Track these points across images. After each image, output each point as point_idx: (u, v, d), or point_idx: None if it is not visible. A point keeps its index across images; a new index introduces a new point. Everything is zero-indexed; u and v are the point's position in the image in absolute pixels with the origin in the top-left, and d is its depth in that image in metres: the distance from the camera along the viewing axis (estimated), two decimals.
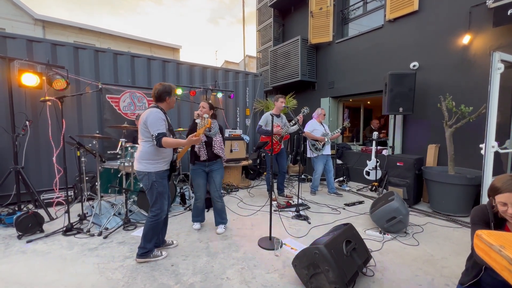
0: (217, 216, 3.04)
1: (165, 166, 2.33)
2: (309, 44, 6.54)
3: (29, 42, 3.84)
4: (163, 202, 2.31)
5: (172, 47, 12.98)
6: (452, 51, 4.12)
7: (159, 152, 2.24)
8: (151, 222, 2.28)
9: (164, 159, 2.31)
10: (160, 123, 2.16)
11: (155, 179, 2.23)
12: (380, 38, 5.19)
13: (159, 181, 2.25)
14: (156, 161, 2.24)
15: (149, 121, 2.15)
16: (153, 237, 2.33)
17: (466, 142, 3.88)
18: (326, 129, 4.54)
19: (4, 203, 3.56)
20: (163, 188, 2.30)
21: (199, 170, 2.94)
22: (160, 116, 2.20)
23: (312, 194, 4.55)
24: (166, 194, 2.35)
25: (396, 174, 4.00)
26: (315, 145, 4.37)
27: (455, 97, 3.75)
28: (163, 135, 2.12)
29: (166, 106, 2.38)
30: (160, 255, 2.37)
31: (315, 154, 4.39)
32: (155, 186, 2.24)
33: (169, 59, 5.27)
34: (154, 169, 2.23)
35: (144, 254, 2.30)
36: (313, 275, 1.87)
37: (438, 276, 2.13)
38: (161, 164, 2.27)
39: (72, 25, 10.28)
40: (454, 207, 3.46)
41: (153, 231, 2.31)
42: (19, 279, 2.06)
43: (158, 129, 2.13)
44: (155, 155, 2.23)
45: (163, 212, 2.34)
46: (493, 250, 0.57)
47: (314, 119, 4.60)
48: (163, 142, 2.09)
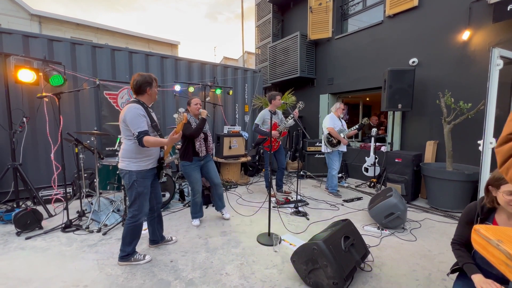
0: (219, 201, 3.21)
1: (150, 164, 2.22)
2: (308, 40, 6.50)
3: (25, 38, 3.80)
4: (142, 203, 2.19)
5: (170, 43, 12.87)
6: (451, 47, 4.11)
7: (142, 150, 2.12)
8: (129, 224, 2.18)
9: (149, 157, 2.19)
10: (140, 120, 2.02)
11: (135, 178, 2.12)
12: (380, 34, 5.17)
13: (139, 181, 2.14)
14: (139, 160, 2.14)
15: (128, 119, 2.03)
16: (132, 240, 2.23)
17: (464, 138, 3.89)
18: (344, 125, 4.32)
19: (2, 200, 3.56)
20: (144, 189, 2.17)
21: (195, 166, 2.96)
22: (139, 112, 2.05)
23: (335, 196, 4.21)
24: (147, 195, 2.22)
25: (394, 170, 4.02)
26: (331, 140, 4.16)
27: (454, 93, 3.75)
28: (145, 134, 2.01)
29: (147, 99, 2.22)
30: (141, 259, 2.25)
31: (330, 150, 4.20)
32: (135, 185, 2.13)
33: (167, 55, 5.23)
34: (136, 168, 2.13)
35: (124, 257, 2.21)
36: (311, 271, 1.89)
37: (435, 271, 2.16)
38: (144, 163, 2.16)
39: (69, 21, 10.15)
40: (452, 203, 3.49)
41: (131, 234, 2.21)
42: (19, 275, 2.07)
43: (138, 127, 2.00)
44: (138, 153, 2.13)
45: (142, 214, 2.21)
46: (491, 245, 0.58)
47: (332, 113, 4.33)
48: (144, 141, 1.99)
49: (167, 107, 5.12)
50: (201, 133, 2.93)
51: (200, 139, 2.95)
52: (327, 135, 4.21)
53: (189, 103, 3.00)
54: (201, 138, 2.95)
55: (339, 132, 4.18)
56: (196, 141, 2.92)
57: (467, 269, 1.33)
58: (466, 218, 1.46)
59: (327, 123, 4.24)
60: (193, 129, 2.86)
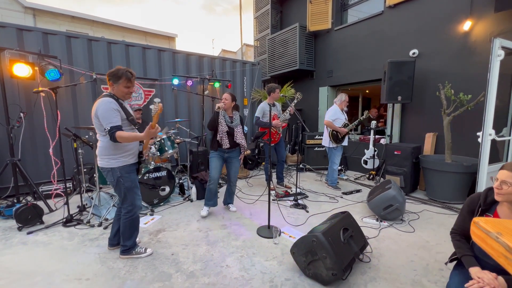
0: (228, 197, 3.37)
1: (132, 159, 2.15)
2: (307, 31, 6.41)
3: (19, 31, 3.72)
4: (133, 197, 2.17)
5: (167, 35, 12.68)
6: (452, 37, 4.05)
7: (120, 145, 2.03)
8: (126, 219, 2.18)
9: (129, 152, 2.11)
10: (112, 114, 1.92)
11: (120, 174, 2.07)
12: (380, 25, 5.09)
13: (125, 176, 2.09)
14: (119, 155, 2.06)
15: (100, 114, 1.92)
16: (131, 234, 2.23)
17: (463, 130, 3.89)
18: (346, 118, 4.25)
19: (2, 195, 3.57)
20: (131, 183, 2.13)
21: (218, 155, 3.09)
22: (112, 106, 1.94)
23: (334, 189, 4.22)
24: (136, 188, 2.19)
25: (393, 162, 4.03)
26: (336, 135, 4.10)
27: (454, 85, 3.73)
28: (117, 129, 1.90)
29: (116, 93, 2.08)
30: (142, 252, 2.26)
31: (334, 145, 4.14)
32: (121, 182, 2.09)
33: (164, 48, 5.15)
34: (117, 164, 2.05)
35: (125, 251, 2.23)
36: (311, 262, 1.91)
37: (433, 261, 2.19)
38: (125, 158, 2.09)
39: (63, 13, 9.96)
40: (450, 194, 3.52)
41: (130, 228, 2.21)
42: (22, 269, 2.09)
43: (110, 122, 1.90)
44: (117, 149, 2.04)
45: (136, 207, 2.20)
46: (490, 237, 0.58)
47: (335, 105, 4.24)
48: (117, 136, 1.88)
49: (166, 101, 5.08)
50: (225, 127, 2.99)
51: (222, 132, 3.00)
52: (331, 131, 4.13)
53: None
54: (223, 131, 2.99)
55: (344, 127, 4.13)
56: (218, 133, 3.00)
57: (465, 261, 1.34)
58: (468, 208, 1.47)
59: (328, 116, 4.18)
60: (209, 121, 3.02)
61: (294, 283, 1.92)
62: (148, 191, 3.34)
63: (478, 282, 1.18)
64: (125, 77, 2.03)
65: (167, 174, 3.54)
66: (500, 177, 1.30)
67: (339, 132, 4.11)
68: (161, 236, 2.66)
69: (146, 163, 3.57)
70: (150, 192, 3.37)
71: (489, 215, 1.34)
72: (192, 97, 5.30)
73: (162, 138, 3.70)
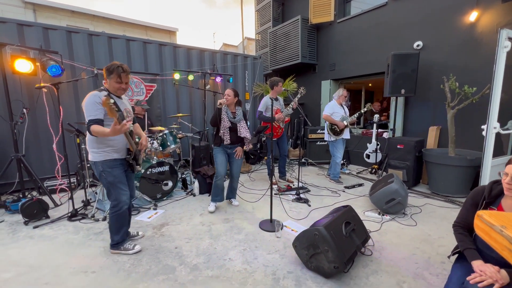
0: (231, 193, 3.39)
1: (115, 155, 2.12)
2: (309, 24, 6.32)
3: (20, 26, 3.71)
4: (118, 192, 2.14)
5: (168, 30, 12.57)
6: (458, 29, 3.97)
7: (103, 140, 2.03)
8: (111, 214, 2.17)
9: (112, 147, 2.09)
10: (94, 108, 1.92)
11: (102, 169, 2.07)
12: (384, 17, 5.00)
13: (107, 171, 2.08)
14: (102, 150, 2.06)
15: (84, 106, 1.96)
16: (118, 229, 2.21)
17: (467, 123, 3.85)
18: (346, 112, 4.28)
19: (8, 190, 3.61)
20: (114, 178, 2.11)
21: (221, 150, 3.10)
22: (95, 100, 1.94)
23: (336, 183, 4.22)
24: (120, 183, 2.15)
25: (396, 156, 4.01)
26: (334, 128, 4.15)
27: (459, 77, 3.67)
28: (94, 122, 1.91)
29: (109, 88, 2.10)
30: (130, 249, 2.24)
31: (333, 138, 4.18)
32: (103, 176, 2.09)
33: (165, 43, 5.12)
34: (100, 159, 2.06)
35: (113, 245, 2.24)
36: (313, 255, 1.93)
37: (435, 255, 2.20)
38: (108, 153, 2.08)
39: (64, 8, 9.89)
40: (453, 188, 3.50)
41: (116, 223, 2.20)
42: (29, 262, 2.13)
43: (90, 115, 1.92)
44: (99, 143, 2.05)
45: (122, 203, 2.16)
46: (494, 230, 0.58)
47: (334, 100, 4.30)
48: (91, 130, 1.90)
49: (167, 96, 5.07)
50: (228, 123, 2.98)
51: (224, 128, 2.99)
52: (329, 125, 4.19)
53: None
54: (225, 127, 2.99)
55: (341, 119, 4.15)
56: (221, 128, 3.00)
57: (467, 254, 1.34)
58: (472, 201, 1.46)
59: (325, 110, 4.25)
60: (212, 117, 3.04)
61: (296, 275, 1.94)
62: (151, 185, 3.37)
63: (480, 275, 1.18)
64: (116, 72, 2.03)
65: (169, 169, 3.56)
66: (509, 171, 1.28)
67: (337, 125, 4.13)
68: (165, 230, 2.69)
69: (149, 158, 3.59)
70: (153, 187, 3.40)
71: (493, 208, 1.33)
72: (193, 92, 5.29)
73: (164, 133, 3.71)
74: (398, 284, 1.85)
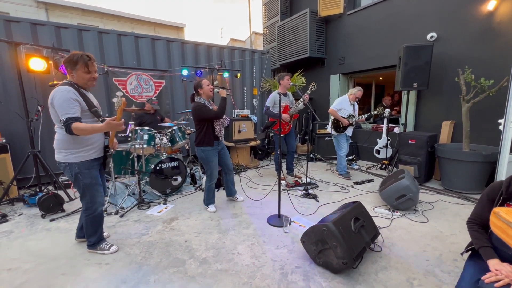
0: (232, 186, 3.28)
1: (94, 154, 2.01)
2: (318, 17, 6.19)
3: (33, 26, 3.81)
4: (94, 194, 2.03)
5: (176, 26, 12.62)
6: (474, 19, 3.80)
7: (80, 139, 1.89)
8: (86, 216, 2.09)
9: (91, 146, 1.97)
10: (70, 105, 1.75)
11: (78, 170, 1.93)
12: (395, 7, 4.84)
13: (84, 172, 1.95)
14: (79, 150, 1.92)
15: (55, 103, 1.77)
16: (95, 230, 2.15)
17: (482, 118, 3.71)
18: (356, 111, 4.21)
19: (26, 185, 3.76)
20: (91, 180, 1.99)
21: (215, 151, 2.92)
22: (69, 96, 1.78)
23: (345, 179, 4.16)
24: (97, 185, 2.04)
25: (407, 152, 3.92)
26: (337, 124, 4.12)
27: (475, 70, 3.52)
28: (74, 120, 1.74)
29: (77, 81, 1.92)
30: (106, 249, 2.18)
31: (335, 133, 4.20)
32: (80, 178, 1.95)
33: (173, 39, 5.14)
34: (76, 160, 1.91)
35: (90, 245, 2.20)
36: (321, 251, 1.93)
37: (447, 252, 2.15)
38: (86, 153, 1.95)
39: (74, 6, 10.07)
40: (467, 184, 3.40)
41: (92, 225, 2.13)
42: (46, 253, 2.22)
43: (66, 112, 1.74)
44: (77, 143, 1.90)
45: (97, 205, 2.07)
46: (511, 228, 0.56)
47: (346, 95, 4.22)
48: (73, 128, 1.72)
49: (175, 92, 5.12)
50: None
51: (219, 122, 2.88)
52: (333, 119, 4.17)
53: (200, 86, 2.77)
54: (220, 121, 2.89)
55: (348, 118, 4.11)
56: (216, 124, 2.85)
57: (483, 253, 1.29)
58: (488, 196, 1.40)
59: (333, 104, 4.19)
60: (217, 109, 2.74)
61: (304, 270, 1.95)
62: (161, 181, 3.43)
63: (496, 274, 1.15)
64: (82, 61, 1.86)
65: (178, 164, 3.61)
66: None
67: (341, 122, 4.09)
68: (174, 224, 2.75)
69: (158, 154, 3.65)
70: (163, 182, 3.46)
71: (510, 205, 1.28)
72: None
73: (173, 129, 3.76)
74: (408, 281, 1.82)
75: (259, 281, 1.84)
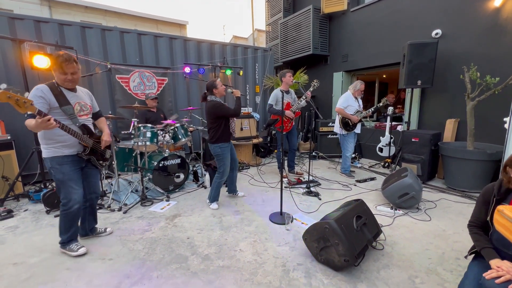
0: (235, 183, 3.34)
1: (67, 151, 2.01)
2: (321, 14, 6.14)
3: (37, 23, 3.83)
4: (68, 190, 2.02)
5: (178, 23, 12.59)
6: (480, 15, 3.74)
7: (51, 135, 1.93)
8: (61, 211, 2.08)
9: (62, 143, 1.98)
10: (34, 101, 1.75)
11: (50, 165, 1.98)
12: (400, 4, 4.78)
13: (55, 168, 1.98)
14: (51, 146, 1.96)
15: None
16: (67, 229, 2.11)
17: (487, 116, 3.67)
18: (361, 106, 4.14)
19: (31, 181, 3.81)
20: (63, 176, 1.99)
21: (229, 147, 2.98)
22: (35, 93, 1.85)
23: (348, 177, 4.16)
24: (70, 181, 2.02)
25: (410, 150, 3.90)
26: (347, 122, 4.03)
27: (481, 67, 3.48)
28: (30, 116, 1.78)
29: (57, 80, 1.98)
30: (74, 251, 2.12)
31: (345, 132, 4.09)
32: (52, 173, 2.00)
33: (176, 36, 5.14)
34: (48, 154, 1.97)
35: (60, 244, 2.17)
36: (323, 248, 1.93)
37: (449, 250, 2.14)
38: (58, 149, 1.98)
39: (77, 4, 10.09)
40: (471, 183, 3.38)
41: (65, 222, 2.10)
42: (52, 248, 2.25)
43: None
44: (47, 139, 1.95)
45: (72, 202, 2.03)
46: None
47: (349, 92, 4.13)
48: (26, 124, 1.80)
49: (178, 89, 5.12)
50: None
51: (233, 120, 2.94)
52: (341, 118, 4.07)
53: (215, 86, 2.86)
54: (233, 119, 2.94)
55: (355, 113, 4.03)
56: (232, 121, 2.93)
57: (485, 253, 1.31)
58: (483, 198, 1.42)
59: (339, 102, 4.09)
60: (235, 107, 2.85)
61: (306, 267, 1.96)
62: (163, 178, 3.45)
63: (497, 271, 1.15)
64: (57, 63, 1.91)
65: (181, 161, 3.62)
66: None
67: (350, 120, 4.01)
68: (177, 220, 2.77)
69: (161, 151, 3.67)
70: (165, 179, 3.48)
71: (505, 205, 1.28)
72: (204, 85, 5.30)
73: (176, 126, 3.77)
74: (410, 279, 1.82)
75: (261, 278, 1.85)
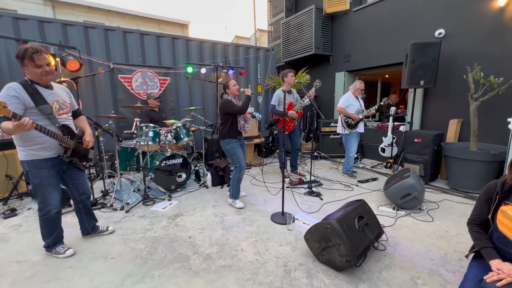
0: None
1: (46, 153, 1.90)
2: (324, 13, 6.12)
3: (40, 23, 3.86)
4: (45, 195, 1.94)
5: (180, 23, 12.64)
6: (484, 15, 3.72)
7: (29, 137, 1.81)
8: (39, 217, 2.02)
9: (41, 145, 1.86)
10: (7, 101, 1.63)
11: (28, 169, 1.88)
12: (403, 3, 4.76)
13: (33, 172, 1.88)
14: (28, 148, 1.84)
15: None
16: (50, 232, 2.06)
17: (491, 116, 3.64)
18: (362, 105, 4.16)
19: None
20: (40, 180, 1.90)
21: (238, 143, 3.03)
22: (7, 93, 1.72)
23: (350, 177, 4.16)
24: (48, 186, 1.94)
25: (413, 150, 3.88)
26: (348, 122, 4.06)
27: (484, 67, 3.45)
28: (5, 119, 1.64)
29: (31, 77, 1.83)
30: (61, 253, 2.09)
31: (347, 131, 4.09)
32: (30, 177, 1.91)
33: (178, 36, 5.15)
34: (25, 158, 1.86)
35: (45, 248, 2.13)
36: (324, 248, 1.93)
37: (452, 251, 2.13)
38: (36, 151, 1.86)
39: (80, 4, 10.16)
40: (474, 184, 3.35)
41: (45, 227, 2.04)
42: None
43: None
44: (25, 141, 1.83)
45: (49, 207, 1.97)
46: None
47: (349, 92, 4.18)
48: (1, 127, 1.68)
49: (180, 89, 5.13)
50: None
51: (242, 118, 3.00)
52: (344, 116, 4.09)
53: (227, 86, 3.01)
54: (243, 117, 3.00)
55: (356, 113, 4.04)
56: (240, 119, 2.98)
57: (485, 253, 1.29)
58: (485, 196, 1.41)
59: (340, 102, 4.13)
60: (241, 105, 2.92)
61: (307, 268, 1.96)
62: (165, 177, 3.46)
63: (498, 273, 1.14)
64: (27, 56, 1.75)
65: (183, 161, 3.63)
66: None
67: (352, 119, 4.02)
68: (179, 220, 2.77)
69: (163, 151, 3.68)
70: (167, 178, 3.49)
71: (507, 203, 1.26)
72: (206, 85, 5.32)
73: (178, 126, 3.78)
74: (412, 280, 1.81)
75: (262, 278, 1.85)
